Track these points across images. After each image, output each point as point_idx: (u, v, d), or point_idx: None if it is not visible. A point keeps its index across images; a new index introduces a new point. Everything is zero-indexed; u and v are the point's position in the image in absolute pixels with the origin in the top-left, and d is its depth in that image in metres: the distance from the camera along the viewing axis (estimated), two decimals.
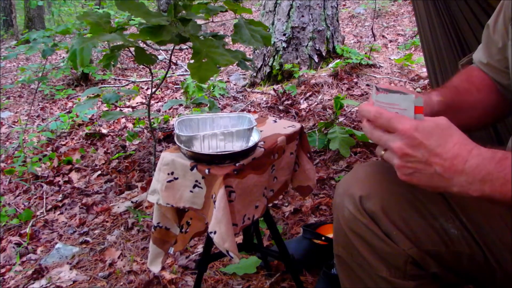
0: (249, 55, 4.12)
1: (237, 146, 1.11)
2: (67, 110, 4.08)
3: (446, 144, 0.64)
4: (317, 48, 3.72)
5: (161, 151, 1.87)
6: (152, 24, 1.61)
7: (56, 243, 1.97)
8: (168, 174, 1.10)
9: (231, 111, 3.25)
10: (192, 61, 1.67)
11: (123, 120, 3.49)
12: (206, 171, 1.05)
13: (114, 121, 3.50)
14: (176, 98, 3.91)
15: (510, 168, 0.62)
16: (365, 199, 0.80)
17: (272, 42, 3.66)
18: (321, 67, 3.73)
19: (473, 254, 0.78)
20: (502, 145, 1.09)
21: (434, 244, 0.78)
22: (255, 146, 1.12)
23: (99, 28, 1.72)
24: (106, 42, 1.97)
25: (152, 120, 3.10)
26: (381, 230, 0.78)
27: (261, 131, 1.20)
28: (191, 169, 1.07)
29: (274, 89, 3.50)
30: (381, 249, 0.78)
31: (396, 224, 0.78)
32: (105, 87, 4.49)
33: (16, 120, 4.04)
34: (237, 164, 1.06)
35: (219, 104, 3.48)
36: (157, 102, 3.91)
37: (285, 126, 1.27)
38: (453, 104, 0.90)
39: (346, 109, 2.95)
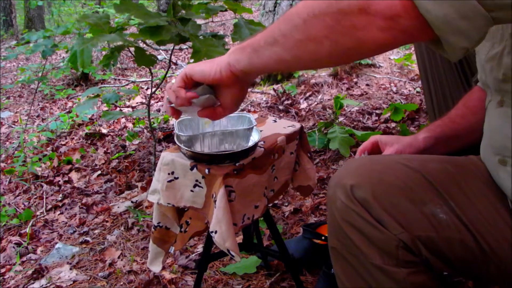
0: None
1: (237, 146, 1.11)
2: (67, 110, 4.08)
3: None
4: None
5: (161, 151, 1.87)
6: (151, 25, 1.61)
7: (56, 243, 1.97)
8: (169, 174, 1.10)
9: None
10: (192, 60, 1.67)
11: (123, 120, 3.49)
12: (206, 170, 1.05)
13: (114, 121, 3.50)
14: None
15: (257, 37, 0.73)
16: (356, 187, 0.81)
17: None
18: None
19: (463, 239, 0.80)
20: None
21: (425, 229, 0.79)
22: (255, 146, 1.12)
23: (98, 29, 1.73)
24: (106, 41, 1.97)
25: (152, 120, 3.10)
26: (372, 217, 0.80)
27: (261, 130, 1.20)
28: (191, 168, 1.07)
29: (274, 89, 3.50)
30: (373, 236, 0.80)
31: (386, 210, 0.80)
32: (105, 87, 4.49)
33: (16, 120, 4.04)
34: (237, 164, 1.06)
35: None
36: (157, 102, 3.91)
37: (285, 126, 1.27)
38: (444, 135, 1.03)
39: (346, 109, 2.95)
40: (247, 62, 0.74)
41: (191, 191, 1.08)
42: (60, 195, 2.43)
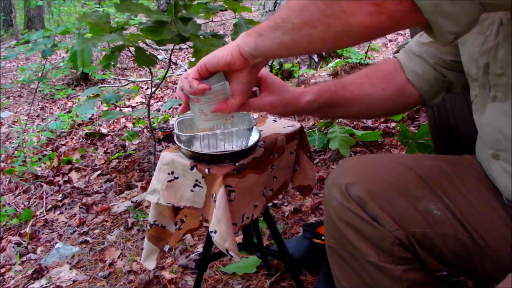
0: None
1: (237, 145, 1.11)
2: (67, 110, 4.08)
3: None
4: None
5: (161, 151, 1.87)
6: (154, 20, 1.61)
7: (56, 243, 1.97)
8: (168, 173, 1.10)
9: None
10: (193, 59, 1.67)
11: (123, 119, 3.49)
12: (206, 170, 1.05)
13: (114, 121, 3.50)
14: (176, 97, 3.91)
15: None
16: (351, 185, 0.82)
17: None
18: (321, 67, 3.73)
19: (458, 234, 0.80)
20: None
21: (419, 225, 0.80)
22: (255, 145, 1.11)
23: (98, 29, 1.73)
24: (106, 41, 1.97)
25: (152, 120, 3.10)
26: (368, 215, 0.80)
27: (261, 130, 1.20)
28: (191, 168, 1.07)
29: None
30: (369, 233, 0.80)
31: (381, 207, 0.80)
32: (105, 86, 4.49)
33: (16, 120, 4.04)
34: (237, 164, 1.06)
35: None
36: (157, 102, 3.92)
37: (285, 126, 1.27)
38: (329, 102, 0.96)
39: None
40: (253, 45, 0.76)
41: (191, 191, 1.08)
42: (60, 195, 2.43)
